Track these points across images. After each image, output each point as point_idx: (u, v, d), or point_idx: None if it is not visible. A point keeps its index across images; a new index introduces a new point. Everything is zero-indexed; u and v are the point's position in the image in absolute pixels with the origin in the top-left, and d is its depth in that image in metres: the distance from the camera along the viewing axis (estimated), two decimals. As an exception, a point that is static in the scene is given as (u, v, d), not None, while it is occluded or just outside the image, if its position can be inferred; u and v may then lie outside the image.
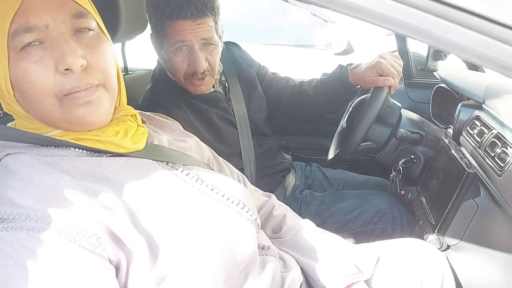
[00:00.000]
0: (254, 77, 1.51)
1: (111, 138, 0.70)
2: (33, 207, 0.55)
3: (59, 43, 0.62)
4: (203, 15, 1.15)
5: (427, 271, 0.93)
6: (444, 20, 0.40)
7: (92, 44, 0.66)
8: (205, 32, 1.17)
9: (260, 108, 1.50)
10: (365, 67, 1.33)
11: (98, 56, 0.66)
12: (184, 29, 1.15)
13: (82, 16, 0.65)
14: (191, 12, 1.13)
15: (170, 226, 0.64)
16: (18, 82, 0.62)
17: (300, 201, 1.47)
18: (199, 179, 0.77)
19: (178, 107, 1.27)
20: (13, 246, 0.52)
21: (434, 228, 1.07)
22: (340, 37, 3.59)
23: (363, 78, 1.33)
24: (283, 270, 0.84)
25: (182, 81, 1.26)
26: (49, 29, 0.62)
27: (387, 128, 1.36)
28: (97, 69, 0.66)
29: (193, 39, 1.17)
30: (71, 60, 0.61)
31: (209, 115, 1.32)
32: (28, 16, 0.60)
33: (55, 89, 0.63)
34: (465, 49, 0.41)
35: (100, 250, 0.57)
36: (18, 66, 0.61)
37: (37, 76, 0.61)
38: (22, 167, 0.60)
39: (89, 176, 0.64)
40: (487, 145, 1.02)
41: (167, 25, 1.17)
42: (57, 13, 0.62)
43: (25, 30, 0.60)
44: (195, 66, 1.20)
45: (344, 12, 0.41)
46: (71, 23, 0.64)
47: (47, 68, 0.61)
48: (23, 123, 0.69)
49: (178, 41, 1.17)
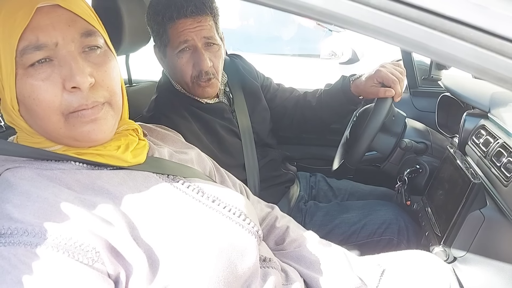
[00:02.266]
0: (258, 89, 1.51)
1: (112, 152, 0.70)
2: (31, 221, 0.55)
3: (68, 61, 0.62)
4: (203, 12, 1.18)
5: (433, 283, 0.91)
6: (439, 32, 0.39)
7: (100, 62, 0.67)
8: (206, 30, 1.19)
9: (264, 119, 1.50)
10: (365, 78, 1.32)
11: (105, 74, 0.67)
12: (186, 28, 1.18)
13: (91, 34, 0.66)
14: (191, 9, 1.16)
15: (170, 239, 0.64)
16: (24, 98, 0.62)
17: (305, 212, 1.46)
18: (200, 191, 0.76)
19: (182, 117, 1.27)
20: (10, 262, 0.52)
21: (440, 240, 1.06)
22: (344, 47, 3.60)
23: (364, 89, 1.33)
24: (285, 283, 0.83)
25: (189, 84, 1.27)
26: (58, 47, 0.62)
27: (392, 138, 1.35)
28: (103, 87, 0.67)
29: (195, 37, 1.19)
30: (80, 78, 0.62)
31: (213, 125, 1.32)
32: (38, 33, 0.61)
33: (61, 106, 0.63)
34: (462, 61, 0.40)
35: (99, 264, 0.56)
36: (26, 82, 0.61)
37: (45, 94, 0.61)
38: (21, 181, 0.60)
39: (89, 189, 0.64)
40: (493, 155, 1.01)
41: (169, 27, 1.19)
42: (67, 31, 0.63)
43: (34, 47, 0.61)
44: (200, 65, 1.21)
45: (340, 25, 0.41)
46: (80, 41, 0.65)
47: (54, 86, 0.62)
48: (25, 137, 0.69)
49: (181, 42, 1.19)
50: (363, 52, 3.62)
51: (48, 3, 0.62)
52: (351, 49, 3.59)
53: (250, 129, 1.42)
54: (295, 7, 0.39)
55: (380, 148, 1.36)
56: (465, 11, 0.39)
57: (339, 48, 3.62)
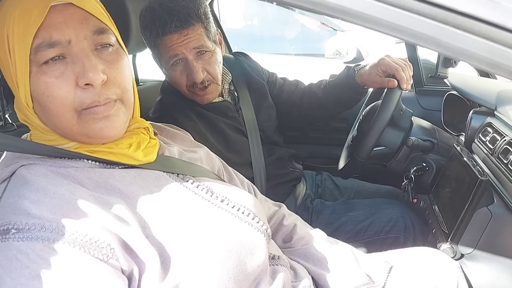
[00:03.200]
0: (264, 87, 1.52)
1: (124, 150, 0.71)
2: (48, 217, 0.56)
3: (81, 58, 0.63)
4: (189, 25, 1.16)
5: (441, 280, 0.91)
6: (451, 27, 0.40)
7: (112, 60, 0.68)
8: (194, 41, 1.18)
9: (270, 117, 1.51)
10: (369, 67, 1.34)
11: (117, 71, 0.68)
12: (173, 43, 1.17)
13: (103, 32, 0.67)
14: (175, 24, 1.14)
15: (181, 238, 0.65)
16: (38, 95, 0.63)
17: (311, 210, 1.47)
18: (209, 190, 0.77)
19: (187, 117, 1.28)
20: (28, 256, 0.53)
21: (448, 237, 1.06)
22: (349, 46, 3.60)
23: (369, 78, 1.34)
24: (294, 280, 0.83)
25: (187, 93, 1.28)
26: (71, 44, 0.63)
27: (400, 132, 1.35)
28: (116, 84, 0.68)
29: (184, 51, 1.18)
30: (92, 75, 0.63)
31: (219, 124, 1.33)
32: (52, 31, 0.62)
33: (74, 103, 0.64)
34: (473, 55, 0.41)
35: (113, 260, 0.57)
36: (40, 80, 0.62)
37: (58, 91, 0.62)
38: (37, 178, 0.61)
39: (102, 187, 0.65)
40: (500, 152, 1.01)
41: (158, 43, 1.19)
42: (80, 29, 0.64)
43: (48, 45, 0.62)
44: (192, 78, 1.21)
45: (353, 21, 0.42)
46: (92, 39, 0.66)
47: (68, 83, 0.63)
48: (38, 134, 0.70)
49: (171, 56, 1.19)
50: (368, 51, 3.62)
51: (61, 2, 0.63)
52: (355, 48, 3.59)
53: (256, 127, 1.43)
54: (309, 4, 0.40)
55: (388, 143, 1.36)
56: (476, 6, 0.39)
57: (343, 48, 3.62)
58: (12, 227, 0.54)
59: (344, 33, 3.91)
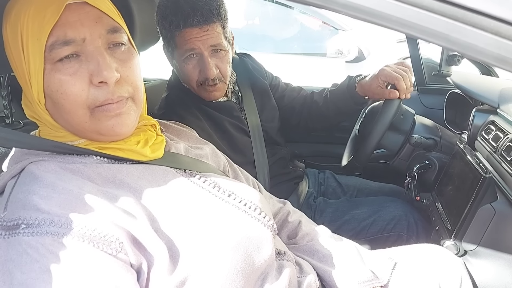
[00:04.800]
0: (267, 88, 1.53)
1: (132, 146, 0.72)
2: (57, 212, 0.57)
3: (95, 56, 0.64)
4: (210, 21, 1.17)
5: (445, 276, 0.92)
6: (460, 23, 0.41)
7: (125, 59, 0.69)
8: (213, 38, 1.19)
9: (273, 118, 1.52)
10: (370, 78, 1.34)
11: (130, 70, 0.69)
12: (192, 37, 1.18)
13: (117, 31, 0.68)
14: (198, 19, 1.15)
15: (190, 232, 0.65)
16: (52, 92, 0.64)
17: (314, 208, 1.47)
18: (216, 185, 0.78)
19: (192, 115, 1.29)
20: (38, 251, 0.53)
21: (451, 234, 1.06)
22: (351, 45, 3.60)
23: (370, 89, 1.34)
24: (300, 275, 0.84)
25: (195, 88, 1.28)
26: (86, 42, 0.64)
27: (400, 135, 1.36)
28: (128, 82, 0.68)
29: (202, 46, 1.19)
30: (107, 73, 0.63)
31: (223, 123, 1.34)
32: (66, 30, 0.62)
33: (88, 100, 0.65)
34: (482, 51, 0.42)
35: (122, 254, 0.58)
36: (54, 77, 0.63)
37: (72, 88, 0.63)
38: (46, 174, 0.62)
39: (110, 182, 0.66)
40: (503, 149, 1.02)
41: (176, 34, 1.19)
42: (95, 27, 0.65)
43: (63, 43, 0.62)
44: (205, 73, 1.22)
45: (362, 17, 0.42)
46: (106, 38, 0.66)
47: (82, 81, 0.64)
48: (48, 131, 0.71)
49: (187, 49, 1.20)
50: (370, 50, 3.62)
51: (76, 1, 0.64)
52: (357, 47, 3.59)
53: (260, 127, 1.43)
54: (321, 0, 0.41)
55: (389, 146, 1.37)
56: (485, 2, 0.40)
57: (345, 47, 3.62)
58: (21, 222, 0.55)
59: (346, 33, 3.91)
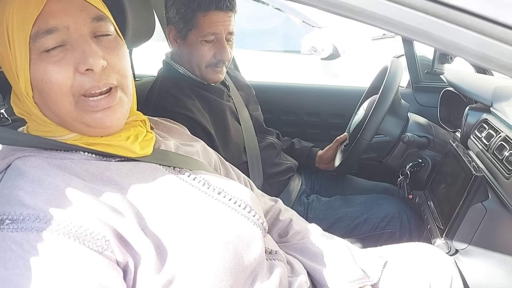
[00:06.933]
0: (248, 85, 1.64)
1: (122, 142, 0.71)
2: (42, 208, 0.56)
3: (81, 44, 0.64)
4: (233, 9, 1.29)
5: (435, 275, 0.92)
6: (444, 21, 0.40)
7: (111, 47, 0.68)
8: (231, 26, 1.30)
9: (258, 109, 1.62)
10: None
11: (117, 57, 0.68)
12: (218, 21, 1.26)
13: (102, 19, 0.67)
14: (227, 5, 1.25)
15: (178, 230, 0.65)
16: (37, 82, 0.63)
17: (307, 206, 1.47)
18: (206, 183, 0.77)
19: (187, 96, 1.31)
20: (23, 247, 0.53)
21: (442, 232, 1.06)
22: (325, 42, 3.60)
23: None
24: (291, 275, 0.84)
25: (202, 69, 1.33)
26: (70, 31, 0.63)
27: (399, 121, 1.37)
28: (115, 70, 0.68)
29: (224, 31, 1.28)
30: (92, 60, 0.63)
31: (216, 104, 1.38)
32: (49, 18, 0.62)
33: (73, 88, 0.64)
34: (465, 49, 0.41)
35: (108, 252, 0.57)
36: (39, 66, 0.62)
37: (57, 76, 0.63)
38: (32, 169, 0.61)
39: (98, 179, 0.65)
40: (495, 148, 1.02)
41: (202, 15, 1.25)
42: (79, 16, 0.64)
43: (45, 32, 0.62)
44: (222, 55, 1.30)
45: (345, 15, 0.42)
46: (92, 26, 0.66)
47: (67, 68, 0.63)
48: (36, 126, 0.70)
49: (210, 32, 1.26)
50: (344, 48, 3.62)
51: None
52: (332, 44, 3.58)
53: (248, 115, 1.50)
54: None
55: (389, 131, 1.38)
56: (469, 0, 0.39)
57: (319, 44, 3.61)
58: (6, 218, 0.55)
59: (321, 30, 3.87)
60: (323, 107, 2.02)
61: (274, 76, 1.73)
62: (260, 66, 1.83)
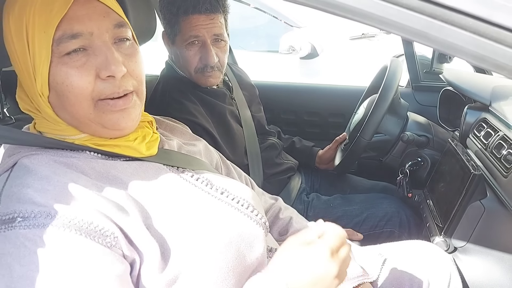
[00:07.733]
0: (253, 85, 1.63)
1: (129, 142, 0.72)
2: (53, 205, 0.57)
3: (103, 51, 0.64)
4: (216, 11, 1.24)
5: (434, 272, 0.93)
6: (439, 21, 0.41)
7: (130, 53, 0.69)
8: (216, 28, 1.25)
9: (260, 110, 1.60)
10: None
11: (135, 64, 0.69)
12: (198, 24, 1.23)
13: (123, 26, 0.68)
14: (206, 7, 1.21)
15: (182, 230, 0.65)
16: (57, 85, 0.64)
17: (307, 204, 1.48)
18: (208, 183, 0.78)
19: (190, 100, 1.31)
20: (36, 243, 0.54)
21: (441, 230, 1.07)
22: (303, 41, 3.59)
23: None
24: None
25: (192, 74, 1.32)
26: (93, 36, 0.64)
27: (399, 120, 1.38)
28: (133, 76, 0.69)
29: (206, 34, 1.24)
30: (115, 68, 0.64)
31: (217, 108, 1.37)
32: (74, 23, 0.63)
33: (93, 93, 0.65)
34: (461, 49, 0.42)
35: (117, 249, 0.58)
36: (60, 70, 0.63)
37: (78, 81, 0.63)
38: (40, 167, 0.62)
39: (104, 177, 0.66)
40: (493, 147, 1.02)
41: (182, 19, 1.24)
42: (102, 22, 0.65)
43: (70, 36, 0.62)
44: (207, 60, 1.26)
45: (342, 15, 0.42)
46: (113, 32, 0.67)
47: (88, 74, 0.64)
48: (45, 124, 0.70)
49: (191, 35, 1.24)
50: (323, 47, 3.60)
51: None
52: (310, 43, 3.57)
53: (250, 117, 1.49)
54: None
55: (388, 130, 1.38)
56: (464, 1, 0.40)
57: (297, 43, 3.58)
58: (17, 216, 0.55)
59: (300, 29, 3.85)
60: (323, 107, 2.03)
61: (253, 75, 1.74)
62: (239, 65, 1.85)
